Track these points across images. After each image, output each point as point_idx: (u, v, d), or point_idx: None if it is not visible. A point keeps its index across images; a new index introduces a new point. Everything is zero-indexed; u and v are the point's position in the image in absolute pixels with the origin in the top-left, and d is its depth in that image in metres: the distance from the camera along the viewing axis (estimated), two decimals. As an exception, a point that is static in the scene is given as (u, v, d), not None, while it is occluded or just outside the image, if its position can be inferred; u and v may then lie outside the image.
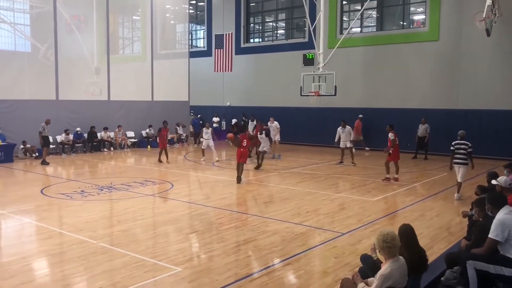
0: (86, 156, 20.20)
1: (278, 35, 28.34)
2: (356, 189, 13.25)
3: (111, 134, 22.25)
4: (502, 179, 7.03)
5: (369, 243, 6.99)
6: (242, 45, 28.23)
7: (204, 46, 30.92)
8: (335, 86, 20.01)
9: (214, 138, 18.53)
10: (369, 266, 5.16)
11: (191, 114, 27.56)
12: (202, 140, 18.23)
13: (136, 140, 23.70)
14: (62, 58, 20.88)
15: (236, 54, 27.07)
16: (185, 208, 10.77)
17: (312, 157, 20.07)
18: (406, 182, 13.91)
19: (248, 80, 27.75)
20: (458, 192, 11.61)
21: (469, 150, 11.34)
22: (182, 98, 26.60)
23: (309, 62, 22.31)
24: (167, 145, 18.85)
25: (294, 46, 25.47)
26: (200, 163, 17.86)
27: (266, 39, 28.32)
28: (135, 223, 9.18)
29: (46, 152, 17.56)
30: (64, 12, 21.40)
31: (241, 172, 13.88)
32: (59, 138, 20.24)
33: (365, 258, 5.41)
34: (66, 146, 20.24)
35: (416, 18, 23.02)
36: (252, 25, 28.93)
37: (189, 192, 13.27)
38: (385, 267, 4.53)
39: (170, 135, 23.85)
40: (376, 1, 23.32)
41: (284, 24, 28.53)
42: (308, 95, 21.10)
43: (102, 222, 9.46)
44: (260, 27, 28.86)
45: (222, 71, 26.76)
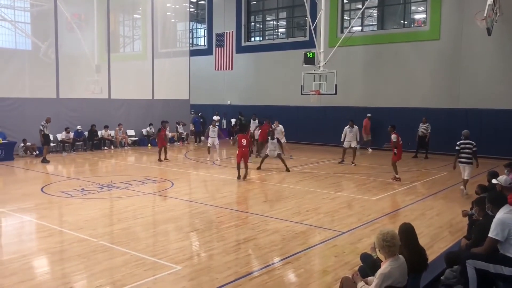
0: (87, 154, 20.20)
1: (279, 34, 28.32)
2: (356, 188, 13.25)
3: (112, 133, 22.25)
4: (502, 178, 7.03)
5: (369, 242, 6.99)
6: (243, 43, 28.22)
7: (204, 45, 30.92)
8: (336, 85, 20.00)
9: (221, 136, 18.54)
10: (369, 265, 5.17)
11: (192, 112, 27.56)
12: (209, 138, 18.15)
13: (136, 138, 23.70)
14: (63, 56, 20.88)
15: (236, 52, 27.04)
16: (185, 206, 10.77)
17: (312, 156, 20.07)
18: (407, 181, 13.89)
19: (248, 78, 27.74)
20: (465, 188, 11.93)
21: (473, 150, 11.66)
22: (183, 97, 26.61)
23: (309, 61, 22.29)
24: (168, 144, 18.89)
25: (295, 44, 25.45)
26: (205, 162, 17.80)
27: (266, 38, 28.30)
28: (135, 222, 9.19)
29: (46, 150, 17.57)
30: (64, 10, 21.41)
31: (246, 171, 13.98)
32: (60, 136, 20.25)
33: (365, 257, 5.41)
34: (66, 144, 20.25)
35: (417, 17, 22.99)
36: (253, 23, 28.91)
37: (189, 190, 13.28)
38: (385, 266, 4.53)
39: (170, 134, 23.92)
40: (377, 0, 23.30)
41: (285, 22, 28.51)
42: (308, 94, 21.09)
43: (102, 220, 9.46)
44: (261, 26, 28.84)
45: (223, 70, 26.72)
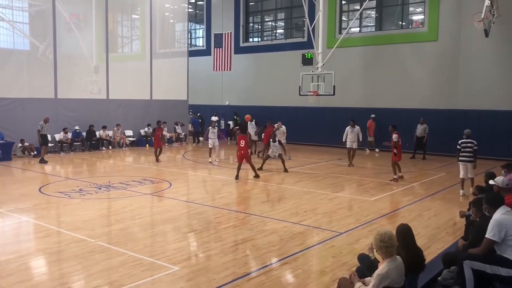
0: (85, 154, 20.18)
1: (277, 35, 28.33)
2: (354, 188, 13.27)
3: (110, 133, 22.23)
4: (499, 179, 7.05)
5: (366, 243, 7.00)
6: (241, 44, 28.23)
7: (203, 45, 30.90)
8: (334, 86, 20.04)
9: (220, 137, 18.51)
10: (366, 265, 5.17)
11: (190, 113, 27.56)
12: (209, 140, 18.07)
13: (134, 139, 23.68)
14: (61, 56, 20.85)
15: (235, 53, 27.05)
16: (183, 207, 10.77)
17: (310, 156, 20.08)
18: (405, 182, 13.91)
19: (247, 79, 27.75)
20: (463, 188, 12.16)
21: (474, 148, 11.88)
22: (181, 97, 26.60)
23: (308, 61, 22.36)
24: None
25: (293, 45, 25.46)
26: (204, 163, 17.76)
27: (265, 39, 28.31)
28: (133, 222, 9.18)
29: (44, 150, 17.55)
30: (63, 10, 21.39)
31: (253, 169, 14.31)
32: (58, 136, 20.21)
33: (362, 258, 5.42)
34: (64, 144, 20.21)
35: (415, 18, 23.03)
36: (251, 24, 28.92)
37: (187, 191, 13.27)
38: (382, 267, 4.53)
39: (168, 134, 23.97)
40: (375, 1, 23.32)
41: (283, 23, 28.52)
42: (306, 95, 21.12)
43: (100, 221, 9.46)
44: (259, 27, 28.85)
45: (221, 70, 26.73)
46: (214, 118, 27.25)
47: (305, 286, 6.11)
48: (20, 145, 18.83)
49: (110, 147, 22.01)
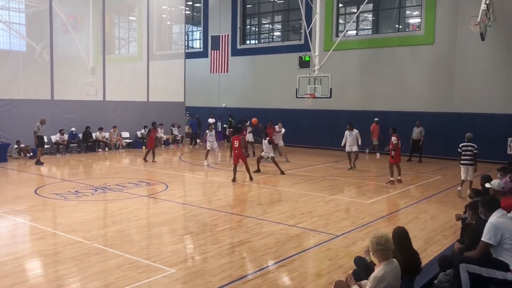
0: (81, 156, 20.13)
1: (274, 37, 28.38)
2: (351, 191, 13.30)
3: (106, 135, 22.19)
4: (495, 183, 7.08)
5: (363, 246, 7.00)
6: (238, 46, 28.25)
7: (200, 47, 30.91)
8: (331, 89, 20.08)
9: (216, 138, 18.54)
10: (362, 268, 5.18)
11: (187, 115, 27.55)
12: (207, 142, 18.05)
13: (131, 140, 23.64)
14: (58, 58, 20.80)
15: (232, 55, 27.05)
16: (179, 209, 10.75)
17: (307, 158, 20.09)
18: (401, 185, 13.94)
19: (244, 81, 27.76)
20: (461, 188, 12.30)
21: (475, 152, 12.11)
22: (178, 99, 26.58)
23: (305, 64, 22.38)
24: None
25: (290, 48, 25.51)
26: (200, 165, 17.74)
27: (262, 41, 28.35)
28: (129, 224, 9.16)
29: (40, 152, 17.50)
30: (60, 11, 21.36)
31: (248, 171, 14.19)
32: (54, 138, 20.16)
33: (359, 260, 5.43)
34: (60, 146, 20.17)
35: (411, 21, 23.12)
36: (248, 26, 28.96)
37: (183, 193, 13.25)
38: (378, 270, 4.54)
39: (165, 136, 23.98)
40: (372, 4, 23.41)
41: (280, 26, 28.57)
42: (303, 97, 21.14)
43: (96, 223, 9.43)
44: (256, 29, 28.90)
45: (218, 72, 26.72)
46: (211, 120, 27.26)
47: (301, 289, 6.11)
48: (16, 146, 18.78)
49: (107, 149, 21.97)
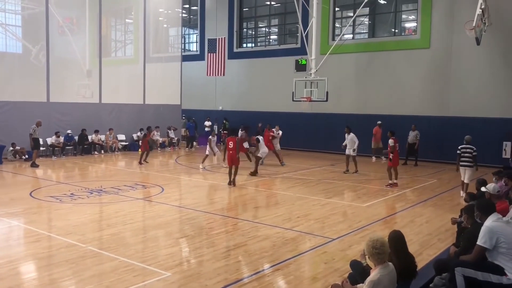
0: (77, 158, 20.06)
1: (271, 41, 28.43)
2: (346, 194, 13.31)
3: (102, 137, 22.12)
4: (491, 186, 7.10)
5: (359, 249, 7.01)
6: (235, 49, 28.27)
7: (197, 50, 30.92)
8: (327, 92, 20.10)
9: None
10: (358, 272, 5.18)
11: (183, 118, 27.52)
12: (213, 148, 18.02)
13: (127, 143, 23.58)
14: (54, 60, 20.75)
15: (228, 58, 27.08)
16: (175, 212, 10.73)
17: (303, 162, 20.10)
18: (397, 188, 13.97)
19: (240, 84, 27.78)
20: (464, 191, 12.17)
21: (473, 154, 12.32)
22: (174, 102, 26.55)
23: (301, 67, 22.45)
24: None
25: (287, 51, 25.55)
26: (196, 168, 17.70)
27: (258, 44, 28.39)
28: (125, 227, 9.12)
29: (36, 154, 17.43)
30: (56, 14, 21.31)
31: (234, 175, 13.97)
32: (50, 140, 20.07)
33: (354, 264, 5.43)
34: (56, 148, 20.07)
35: (407, 25, 23.22)
36: (245, 30, 29.00)
37: (179, 196, 13.22)
38: (374, 273, 4.54)
39: (161, 139, 23.96)
40: (368, 8, 23.50)
41: (276, 29, 28.64)
42: (300, 101, 21.17)
43: (92, 226, 9.38)
44: (253, 32, 28.94)
45: (215, 75, 26.73)
46: (207, 123, 27.26)
47: (297, 292, 6.10)
48: (11, 148, 18.69)
49: (103, 152, 21.91)
